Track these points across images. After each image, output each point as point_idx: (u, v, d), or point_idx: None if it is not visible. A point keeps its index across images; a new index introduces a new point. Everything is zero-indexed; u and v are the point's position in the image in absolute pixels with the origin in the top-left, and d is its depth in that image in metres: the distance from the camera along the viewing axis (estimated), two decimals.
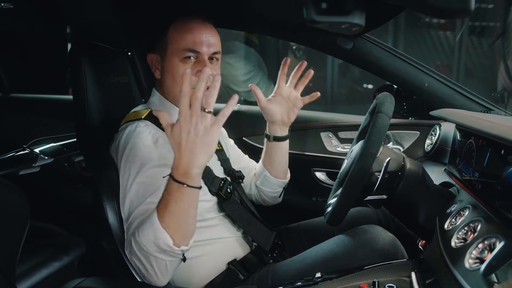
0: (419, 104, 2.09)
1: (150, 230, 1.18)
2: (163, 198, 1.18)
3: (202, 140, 1.11)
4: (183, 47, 1.42)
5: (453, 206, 1.26)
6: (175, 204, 1.16)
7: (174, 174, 1.15)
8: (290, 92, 1.66)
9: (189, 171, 1.14)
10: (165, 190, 1.18)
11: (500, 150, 1.12)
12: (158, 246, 1.18)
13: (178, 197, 1.16)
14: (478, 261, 0.95)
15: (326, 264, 1.34)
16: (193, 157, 1.13)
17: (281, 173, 1.76)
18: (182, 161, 1.13)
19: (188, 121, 1.10)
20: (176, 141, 1.13)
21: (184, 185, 1.14)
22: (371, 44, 1.94)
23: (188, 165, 1.13)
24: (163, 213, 1.17)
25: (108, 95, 1.57)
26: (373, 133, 1.25)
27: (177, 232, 1.19)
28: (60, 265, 1.77)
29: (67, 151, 2.06)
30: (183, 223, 1.20)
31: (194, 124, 1.10)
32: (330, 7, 0.89)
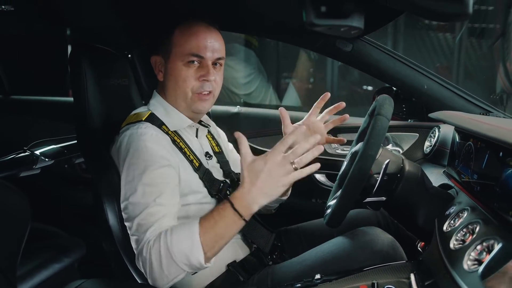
0: (418, 106, 2.09)
1: (187, 242, 1.21)
2: (212, 217, 1.22)
3: (276, 186, 1.19)
4: (187, 51, 1.43)
5: (452, 208, 1.26)
6: (223, 229, 1.21)
7: (235, 203, 1.20)
8: (318, 127, 1.65)
9: (251, 207, 1.20)
10: (217, 212, 1.23)
11: (498, 152, 1.12)
12: (188, 260, 1.21)
13: (229, 224, 1.21)
14: (476, 262, 0.95)
15: (326, 266, 1.35)
16: (261, 196, 1.19)
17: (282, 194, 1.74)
18: (250, 195, 1.19)
19: (275, 164, 1.17)
20: (253, 174, 1.19)
21: (241, 218, 1.21)
22: (370, 46, 1.95)
23: (253, 201, 1.20)
24: (207, 232, 1.21)
25: (109, 97, 1.58)
26: (372, 135, 1.25)
27: (211, 251, 1.23)
28: (60, 266, 1.78)
29: (68, 153, 2.06)
30: (220, 245, 1.24)
31: (278, 170, 1.17)
32: (329, 10, 0.90)
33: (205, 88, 1.45)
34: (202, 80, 1.44)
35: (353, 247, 1.38)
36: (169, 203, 1.32)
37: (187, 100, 1.47)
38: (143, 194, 1.31)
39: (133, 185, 1.32)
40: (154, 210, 1.29)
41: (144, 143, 1.36)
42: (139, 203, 1.30)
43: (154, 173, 1.33)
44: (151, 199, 1.30)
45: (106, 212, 1.41)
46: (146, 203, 1.30)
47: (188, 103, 1.48)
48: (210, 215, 1.23)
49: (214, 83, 1.47)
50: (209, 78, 1.44)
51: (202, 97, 1.47)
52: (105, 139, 1.51)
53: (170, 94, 1.50)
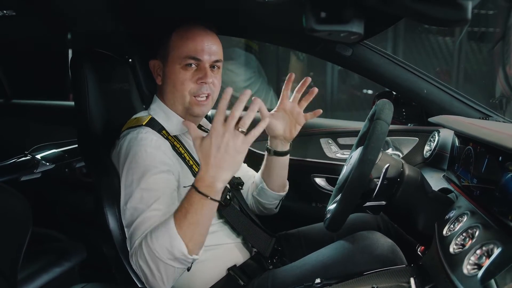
0: (418, 110, 2.10)
1: (165, 237, 1.20)
2: (183, 207, 1.21)
3: (231, 157, 1.15)
4: (184, 54, 1.43)
5: (451, 212, 1.27)
6: (195, 215, 1.19)
7: (198, 186, 1.18)
8: (293, 108, 1.63)
9: (214, 185, 1.18)
10: (186, 200, 1.21)
11: (498, 156, 1.13)
12: (172, 254, 1.19)
13: (199, 208, 1.19)
14: (476, 267, 0.96)
15: (326, 270, 1.35)
16: (220, 172, 1.16)
17: (278, 187, 1.74)
18: (208, 174, 1.16)
19: (220, 137, 1.13)
20: (205, 154, 1.16)
21: (207, 198, 1.18)
22: (370, 51, 1.96)
23: (214, 179, 1.17)
24: (181, 222, 1.20)
25: (110, 101, 1.58)
26: (372, 140, 1.26)
27: (192, 241, 1.21)
28: (61, 270, 1.78)
29: (68, 157, 2.07)
30: (199, 233, 1.22)
31: (226, 141, 1.13)
32: (329, 15, 0.90)
33: (203, 90, 1.46)
34: (200, 83, 1.45)
35: (353, 251, 1.39)
36: (165, 208, 1.31)
37: (185, 103, 1.48)
38: (140, 199, 1.31)
39: (131, 190, 1.33)
40: (150, 215, 1.29)
41: (144, 148, 1.37)
42: (136, 208, 1.31)
43: (152, 178, 1.33)
44: (147, 204, 1.30)
45: (106, 216, 1.41)
46: (142, 209, 1.30)
47: (186, 107, 1.49)
48: (181, 205, 1.22)
49: (212, 86, 1.48)
50: (207, 80, 1.45)
51: (200, 102, 1.47)
52: (106, 143, 1.51)
53: (168, 97, 1.51)
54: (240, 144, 1.14)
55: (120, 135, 1.46)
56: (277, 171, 1.71)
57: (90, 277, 1.90)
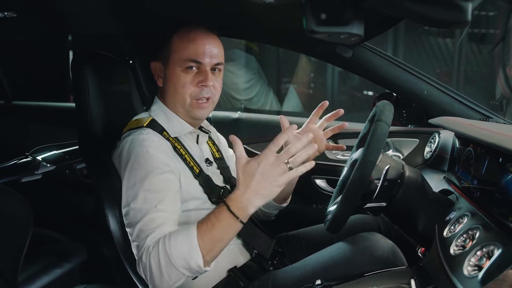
0: (419, 112, 2.10)
1: (185, 246, 1.20)
2: (209, 221, 1.22)
3: (271, 186, 1.19)
4: (185, 57, 1.43)
5: (452, 213, 1.27)
6: (220, 232, 1.21)
7: (231, 205, 1.20)
8: (317, 133, 1.64)
9: (247, 209, 1.20)
10: (214, 215, 1.23)
11: (498, 158, 1.13)
12: (187, 263, 1.20)
13: (226, 227, 1.21)
14: (476, 268, 0.96)
15: (326, 271, 1.35)
16: (256, 197, 1.19)
17: (281, 200, 1.72)
18: (245, 197, 1.20)
19: (269, 165, 1.17)
20: (247, 176, 1.19)
21: (237, 220, 1.20)
22: (370, 52, 1.96)
23: (248, 203, 1.20)
24: (204, 235, 1.21)
25: (110, 103, 1.58)
26: (372, 141, 1.26)
27: (210, 254, 1.22)
28: (61, 272, 1.78)
29: (69, 158, 2.07)
30: (219, 248, 1.24)
31: (273, 172, 1.17)
32: (329, 17, 0.91)
33: (203, 94, 1.46)
34: (200, 86, 1.45)
35: (353, 253, 1.39)
36: (170, 209, 1.32)
37: (186, 106, 1.48)
38: (144, 200, 1.31)
39: (134, 191, 1.33)
40: (155, 216, 1.29)
41: (146, 149, 1.37)
42: (140, 209, 1.30)
43: (155, 179, 1.33)
44: (152, 205, 1.30)
45: (107, 217, 1.41)
46: (147, 209, 1.30)
47: (186, 109, 1.49)
48: (207, 218, 1.23)
49: (213, 89, 1.48)
50: (208, 83, 1.44)
51: (200, 105, 1.47)
52: (107, 144, 1.51)
53: (169, 100, 1.51)
54: (284, 178, 1.18)
55: (121, 137, 1.46)
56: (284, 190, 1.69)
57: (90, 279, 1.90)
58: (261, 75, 3.10)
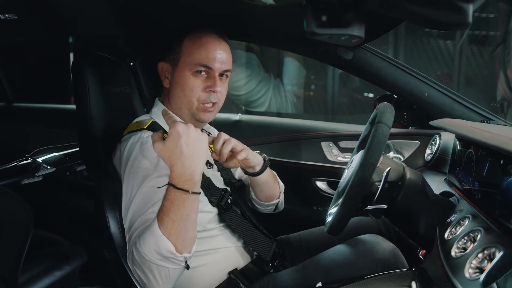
0: (419, 113, 2.10)
1: (151, 238, 1.18)
2: (163, 206, 1.19)
3: (198, 149, 1.21)
4: (196, 61, 1.44)
5: (453, 215, 1.26)
6: (177, 211, 1.18)
7: (176, 183, 1.18)
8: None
9: (193, 178, 1.19)
10: (165, 199, 1.20)
11: (499, 160, 1.13)
12: (160, 254, 1.18)
13: (181, 204, 1.18)
14: (478, 270, 0.95)
15: (327, 274, 1.34)
16: (194, 164, 1.19)
17: (266, 198, 1.70)
18: (185, 169, 1.18)
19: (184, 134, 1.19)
20: (173, 151, 1.19)
21: (189, 192, 1.18)
22: (371, 54, 1.96)
23: (191, 172, 1.19)
24: (164, 221, 1.18)
25: (111, 105, 1.58)
26: (373, 143, 1.26)
27: (179, 238, 1.19)
28: (61, 274, 1.77)
29: (70, 160, 2.07)
30: (184, 229, 1.20)
31: (192, 137, 1.20)
32: (330, 19, 0.91)
33: (211, 99, 1.47)
34: (208, 91, 1.46)
35: (354, 255, 1.38)
36: None
37: (192, 109, 1.48)
38: (141, 203, 1.31)
39: (132, 195, 1.32)
40: (146, 219, 1.28)
41: (145, 152, 1.36)
42: (136, 212, 1.30)
43: (152, 182, 1.32)
44: (147, 207, 1.29)
45: (107, 219, 1.41)
46: (142, 212, 1.29)
47: (192, 112, 1.49)
48: (162, 205, 1.21)
49: (220, 94, 1.49)
50: (216, 89, 1.46)
51: (207, 108, 1.49)
52: (107, 146, 1.51)
53: (175, 101, 1.51)
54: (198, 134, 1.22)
55: (122, 139, 1.46)
56: (260, 187, 1.66)
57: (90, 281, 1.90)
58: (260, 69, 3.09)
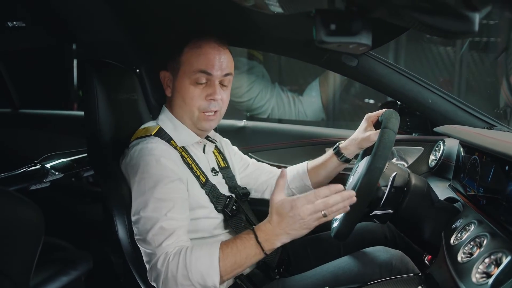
0: (423, 120, 2.11)
1: (205, 262, 1.22)
2: (235, 244, 1.24)
3: (301, 229, 1.21)
4: (195, 68, 1.44)
5: (458, 221, 1.28)
6: (244, 258, 1.23)
7: (259, 234, 1.23)
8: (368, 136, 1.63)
9: (274, 243, 1.22)
10: (240, 240, 1.24)
11: (504, 166, 1.14)
12: (204, 280, 1.22)
13: (251, 255, 1.23)
14: (485, 275, 0.97)
15: (336, 279, 1.36)
16: (284, 235, 1.22)
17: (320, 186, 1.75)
18: (274, 232, 1.21)
19: (305, 214, 1.18)
20: (279, 215, 1.21)
21: (262, 251, 1.22)
22: (375, 61, 1.98)
23: (276, 238, 1.22)
24: (227, 257, 1.23)
25: (118, 111, 1.60)
26: (379, 149, 1.28)
27: (227, 276, 1.25)
28: (68, 279, 1.78)
29: (77, 166, 2.08)
30: (238, 272, 1.26)
31: (307, 220, 1.19)
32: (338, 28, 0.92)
33: (211, 107, 1.48)
34: (209, 99, 1.47)
35: (362, 262, 1.40)
36: (179, 217, 1.32)
37: (194, 118, 1.50)
38: (154, 209, 1.32)
39: (144, 199, 1.33)
40: (166, 224, 1.29)
41: (155, 158, 1.38)
42: (151, 217, 1.31)
43: (165, 188, 1.34)
44: (162, 213, 1.30)
45: (116, 225, 1.42)
46: (157, 217, 1.30)
47: (194, 121, 1.50)
48: (233, 242, 1.25)
49: (221, 102, 1.50)
50: (216, 97, 1.46)
51: (208, 117, 1.49)
52: (115, 152, 1.52)
53: (177, 110, 1.52)
54: (316, 223, 1.20)
55: (130, 145, 1.47)
56: (331, 173, 1.74)
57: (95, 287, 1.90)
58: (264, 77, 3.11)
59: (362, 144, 1.65)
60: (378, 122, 1.59)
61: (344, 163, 1.71)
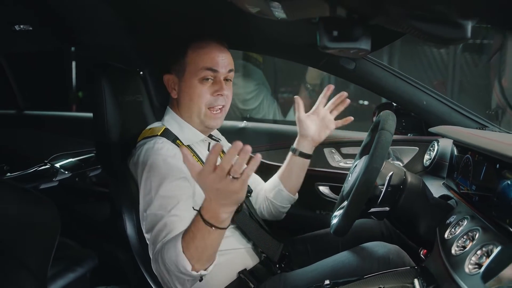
0: (418, 121, 2.17)
1: (173, 252, 1.25)
2: (190, 230, 1.24)
3: (230, 196, 1.15)
4: (202, 66, 1.52)
5: (452, 217, 1.33)
6: (202, 240, 1.22)
7: (203, 214, 1.20)
8: (325, 114, 1.77)
9: (219, 216, 1.19)
10: (193, 224, 1.23)
11: (495, 164, 1.20)
12: (178, 269, 1.25)
13: (206, 235, 1.21)
14: (477, 266, 1.02)
15: (335, 273, 1.41)
16: (221, 206, 1.17)
17: (295, 189, 1.82)
18: (212, 207, 1.18)
19: (211, 183, 1.11)
20: (205, 190, 1.17)
21: (212, 227, 1.20)
22: (372, 64, 2.03)
23: (217, 212, 1.19)
24: (188, 244, 1.23)
25: (125, 112, 1.65)
26: (377, 149, 1.33)
27: (199, 262, 1.25)
28: (74, 276, 1.83)
29: (84, 166, 2.13)
30: (207, 254, 1.26)
31: (218, 186, 1.11)
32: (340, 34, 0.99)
33: (218, 102, 1.55)
34: (216, 95, 1.54)
35: (361, 257, 1.46)
36: (183, 214, 1.38)
37: (201, 116, 1.56)
38: (159, 206, 1.38)
39: (150, 197, 1.39)
40: (169, 221, 1.35)
41: (161, 157, 1.44)
42: (156, 214, 1.37)
43: (170, 185, 1.40)
44: (166, 210, 1.37)
45: (124, 222, 1.47)
46: (162, 215, 1.36)
47: (201, 119, 1.57)
48: (189, 228, 1.24)
49: (226, 98, 1.57)
50: (223, 92, 1.54)
51: (214, 115, 1.56)
52: (123, 152, 1.58)
53: (184, 110, 1.58)
54: (236, 186, 1.12)
55: (137, 145, 1.53)
56: (298, 172, 1.80)
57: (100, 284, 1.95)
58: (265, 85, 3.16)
59: (301, 132, 1.77)
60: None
61: (302, 157, 1.78)
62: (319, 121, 1.76)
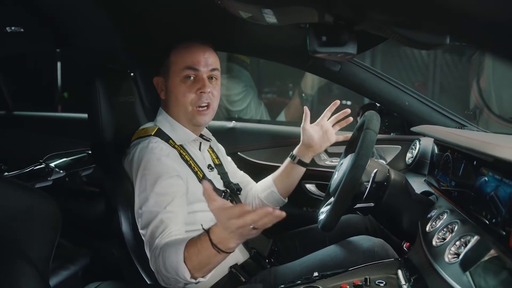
0: (400, 121, 2.24)
1: (174, 259, 1.29)
2: (195, 245, 1.28)
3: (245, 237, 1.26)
4: (183, 65, 1.57)
5: (433, 211, 1.41)
6: (206, 258, 1.27)
7: (212, 237, 1.25)
8: (328, 127, 1.84)
9: (228, 245, 1.25)
10: (199, 240, 1.27)
11: (473, 161, 1.27)
12: (177, 275, 1.29)
13: (211, 256, 1.27)
14: (456, 256, 1.10)
15: (323, 266, 1.47)
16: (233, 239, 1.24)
17: (286, 193, 1.88)
18: (222, 235, 1.23)
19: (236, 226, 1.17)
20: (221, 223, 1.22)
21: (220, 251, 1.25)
22: (356, 66, 2.10)
23: (227, 241, 1.24)
24: (191, 256, 1.28)
25: (118, 113, 1.69)
26: (362, 147, 1.40)
27: (199, 272, 1.30)
28: (67, 274, 1.86)
29: (78, 165, 2.16)
30: (207, 268, 1.31)
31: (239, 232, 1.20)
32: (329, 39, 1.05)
33: (203, 100, 1.58)
34: (199, 93, 1.57)
35: (347, 250, 1.53)
36: (177, 210, 1.44)
37: (188, 114, 1.60)
38: (155, 203, 1.43)
39: (145, 195, 1.45)
40: (165, 217, 1.40)
41: (155, 156, 1.49)
42: (151, 211, 1.42)
43: (164, 183, 1.45)
44: (161, 207, 1.42)
45: (120, 219, 1.51)
46: (157, 211, 1.41)
47: (189, 118, 1.61)
48: (195, 242, 1.28)
49: (211, 95, 1.60)
50: (205, 90, 1.57)
51: (201, 112, 1.60)
52: (117, 151, 1.62)
53: (172, 110, 1.63)
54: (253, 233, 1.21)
55: (131, 144, 1.58)
56: (293, 179, 1.86)
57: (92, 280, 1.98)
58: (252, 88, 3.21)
59: (304, 140, 1.83)
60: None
61: (300, 165, 1.85)
62: (322, 132, 1.83)
